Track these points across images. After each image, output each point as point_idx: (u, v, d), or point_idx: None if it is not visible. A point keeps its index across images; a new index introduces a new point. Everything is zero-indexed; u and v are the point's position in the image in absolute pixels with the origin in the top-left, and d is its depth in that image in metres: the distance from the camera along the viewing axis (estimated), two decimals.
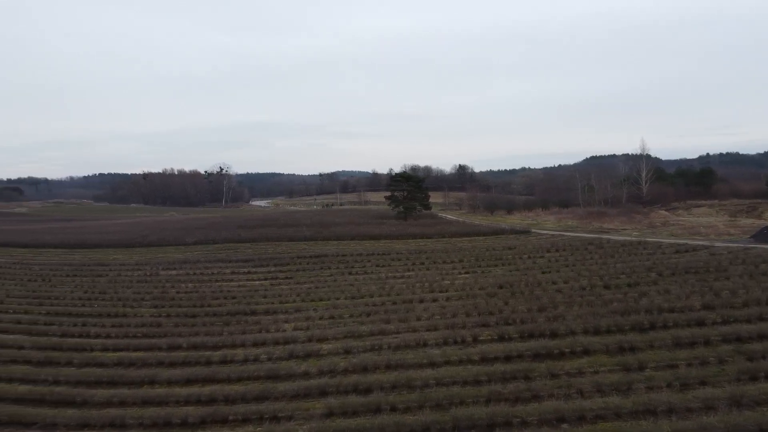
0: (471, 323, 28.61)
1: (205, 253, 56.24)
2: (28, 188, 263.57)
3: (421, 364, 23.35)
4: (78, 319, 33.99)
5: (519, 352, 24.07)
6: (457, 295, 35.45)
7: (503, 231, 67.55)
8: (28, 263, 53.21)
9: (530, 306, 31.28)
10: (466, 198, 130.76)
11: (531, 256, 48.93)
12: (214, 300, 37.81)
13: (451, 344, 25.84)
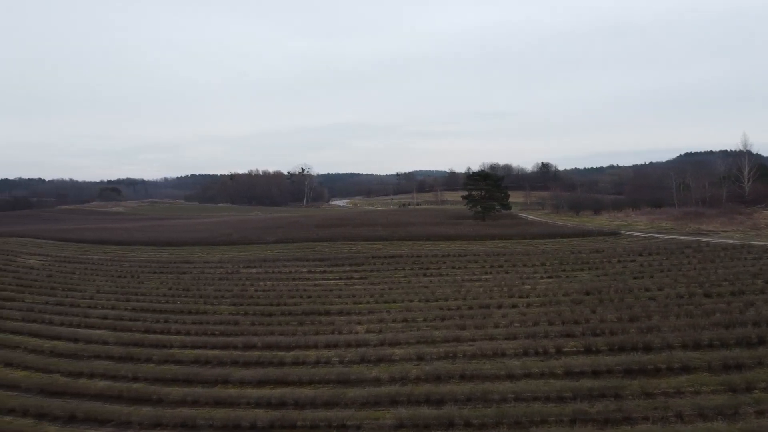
0: (554, 333, 26.75)
1: (284, 252, 57.12)
2: (127, 189, 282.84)
3: (498, 375, 21.92)
4: (161, 315, 35.14)
5: (608, 366, 22.08)
6: (539, 302, 33.49)
7: (590, 232, 63.94)
8: (120, 260, 56.28)
9: (620, 315, 28.92)
10: (549, 197, 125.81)
11: (621, 259, 45.71)
12: (290, 299, 37.99)
13: (531, 355, 24.19)
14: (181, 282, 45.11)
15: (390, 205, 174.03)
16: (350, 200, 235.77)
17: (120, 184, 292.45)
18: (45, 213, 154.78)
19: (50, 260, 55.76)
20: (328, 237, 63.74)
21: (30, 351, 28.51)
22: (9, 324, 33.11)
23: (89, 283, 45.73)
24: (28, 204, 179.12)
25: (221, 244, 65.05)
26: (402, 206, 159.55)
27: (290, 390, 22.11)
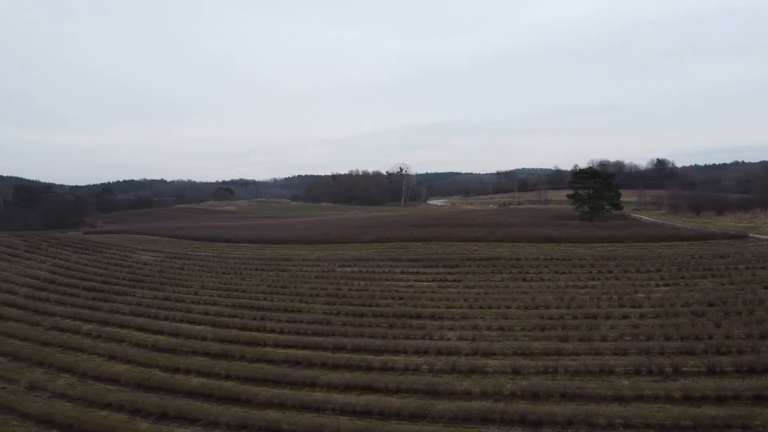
0: (671, 349, 23.77)
1: (379, 251, 56.77)
2: (239, 189, 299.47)
3: (604, 396, 19.59)
4: (258, 312, 35.80)
5: (735, 391, 19.08)
6: (654, 312, 30.17)
7: (712, 235, 57.66)
8: (225, 257, 58.72)
9: (750, 331, 25.31)
10: (666, 196, 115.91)
11: (749, 266, 40.51)
12: (382, 299, 37.30)
13: (644, 374, 21.54)
14: (279, 279, 46.03)
15: (489, 204, 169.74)
16: (448, 199, 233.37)
17: (233, 184, 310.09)
18: (164, 212, 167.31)
19: (162, 256, 59.37)
20: (423, 237, 62.60)
21: (134, 345, 29.95)
22: (118, 318, 35.15)
23: (195, 279, 47.95)
24: (150, 203, 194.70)
25: (320, 243, 66.03)
26: (502, 206, 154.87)
27: (376, 398, 21.20)
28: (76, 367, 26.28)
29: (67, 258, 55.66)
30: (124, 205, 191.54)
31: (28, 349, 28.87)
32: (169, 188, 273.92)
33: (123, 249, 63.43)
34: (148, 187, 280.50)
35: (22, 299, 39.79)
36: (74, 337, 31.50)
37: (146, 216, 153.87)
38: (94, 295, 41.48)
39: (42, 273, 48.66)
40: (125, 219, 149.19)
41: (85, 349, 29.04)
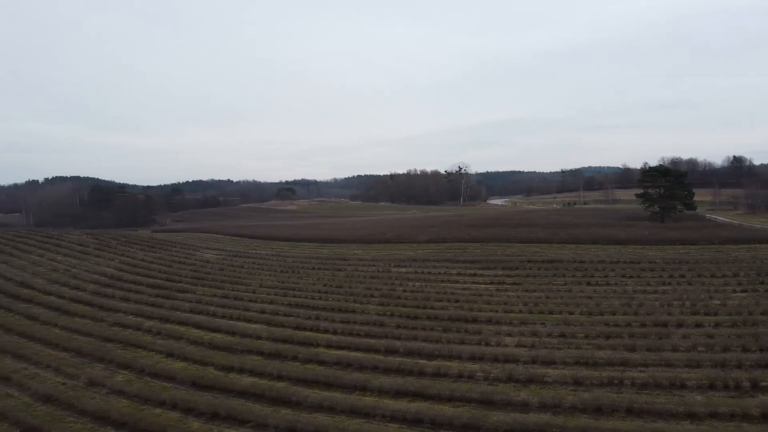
0: (749, 362, 21.76)
1: (435, 252, 55.83)
2: (301, 189, 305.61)
3: (675, 413, 18.03)
4: (313, 311, 35.75)
5: None
6: (730, 321, 27.86)
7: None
8: (285, 255, 59.41)
9: None
10: (743, 196, 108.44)
11: None
12: (437, 302, 36.41)
13: (719, 389, 19.75)
14: (335, 279, 45.98)
15: (553, 204, 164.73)
16: (509, 199, 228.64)
17: (295, 184, 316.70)
18: (229, 211, 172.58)
19: (224, 255, 60.75)
20: (481, 238, 61.09)
21: (191, 342, 30.44)
22: (178, 315, 35.95)
23: (255, 277, 48.66)
24: (216, 203, 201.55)
25: (376, 242, 65.77)
26: (566, 205, 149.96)
27: (428, 405, 20.41)
28: (135, 363, 26.91)
29: (134, 256, 57.90)
30: (192, 204, 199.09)
31: (90, 345, 29.88)
32: (235, 188, 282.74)
33: (187, 247, 65.43)
34: (216, 187, 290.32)
35: (89, 295, 41.48)
36: (135, 333, 32.39)
37: (212, 215, 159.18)
38: (157, 292, 42.77)
39: (110, 270, 50.75)
40: (192, 218, 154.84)
41: (145, 346, 29.77)
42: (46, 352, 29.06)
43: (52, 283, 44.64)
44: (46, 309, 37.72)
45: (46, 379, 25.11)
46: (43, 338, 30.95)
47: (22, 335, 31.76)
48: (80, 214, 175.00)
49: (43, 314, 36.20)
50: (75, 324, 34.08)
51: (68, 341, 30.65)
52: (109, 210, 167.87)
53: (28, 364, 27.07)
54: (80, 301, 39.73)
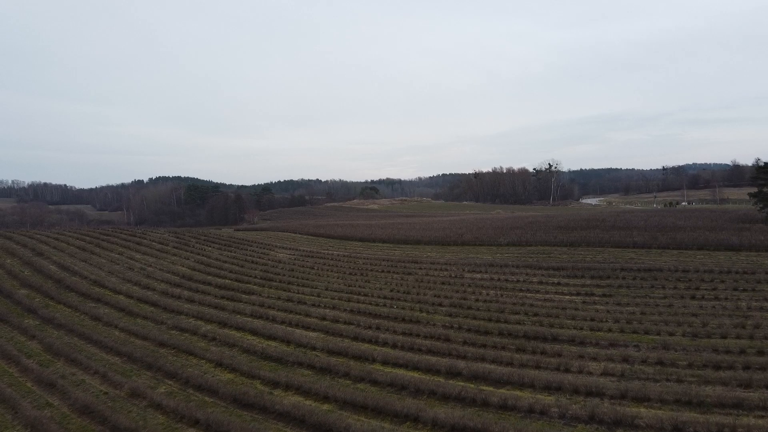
0: None
1: (516, 256, 51.44)
2: (386, 188, 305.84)
3: None
4: (374, 320, 33.11)
5: None
6: None
7: None
8: (356, 256, 57.37)
9: None
10: None
11: None
12: (512, 314, 32.53)
13: None
14: (403, 283, 43.15)
15: (652, 204, 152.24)
16: (603, 198, 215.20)
17: (380, 183, 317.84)
18: (314, 209, 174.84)
19: (297, 255, 59.71)
20: (570, 241, 55.75)
21: (244, 350, 28.72)
22: (237, 319, 34.57)
23: (322, 279, 46.89)
24: (302, 201, 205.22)
25: (452, 244, 62.25)
26: (668, 205, 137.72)
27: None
28: (182, 373, 25.46)
29: (209, 254, 58.16)
30: (280, 203, 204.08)
31: (143, 350, 28.95)
32: (323, 187, 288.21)
33: (262, 246, 65.17)
34: (305, 186, 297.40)
35: (157, 295, 41.33)
36: (191, 338, 31.26)
37: (297, 213, 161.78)
38: (223, 293, 41.95)
39: (183, 269, 50.93)
40: (279, 216, 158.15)
41: (197, 353, 28.40)
42: (99, 356, 28.43)
43: (125, 282, 45.15)
44: (112, 309, 37.76)
45: (90, 388, 24.18)
46: (100, 341, 30.47)
47: (82, 336, 31.53)
48: (177, 212, 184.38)
49: (108, 314, 36.14)
50: (135, 326, 33.58)
51: (124, 345, 29.95)
52: (203, 208, 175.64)
53: (78, 370, 26.42)
54: (147, 302, 39.58)
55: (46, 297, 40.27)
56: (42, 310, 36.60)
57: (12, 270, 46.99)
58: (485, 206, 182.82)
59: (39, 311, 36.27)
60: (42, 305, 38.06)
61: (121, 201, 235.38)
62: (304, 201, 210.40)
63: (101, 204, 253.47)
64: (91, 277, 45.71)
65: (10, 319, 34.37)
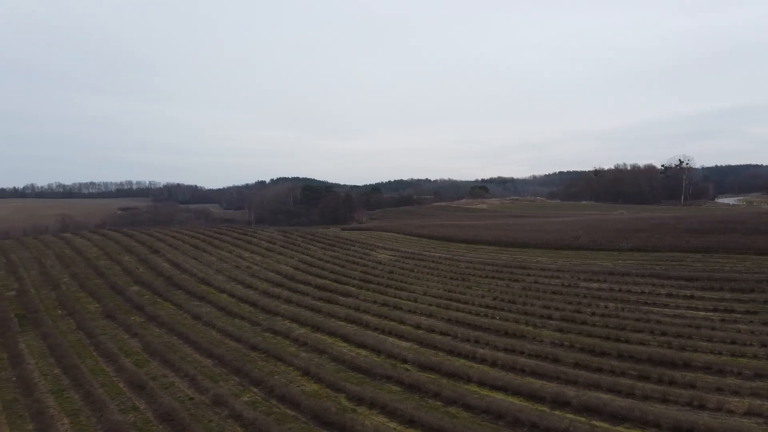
0: None
1: (639, 263, 45.91)
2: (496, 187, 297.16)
3: None
4: (473, 332, 30.44)
5: None
6: None
7: None
8: (458, 259, 54.63)
9: None
10: None
11: None
12: (634, 332, 28.36)
13: None
14: (508, 291, 39.90)
15: None
16: (743, 197, 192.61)
17: (490, 182, 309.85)
18: (421, 209, 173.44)
19: (398, 256, 58.16)
20: (704, 247, 48.93)
21: (333, 359, 27.38)
22: (331, 323, 33.47)
23: (421, 282, 44.84)
24: (409, 201, 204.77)
25: (566, 248, 57.44)
26: None
27: None
28: (268, 380, 24.55)
29: (313, 254, 58.32)
30: (388, 202, 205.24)
31: (235, 353, 28.60)
32: (431, 187, 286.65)
33: (365, 246, 64.44)
34: (414, 186, 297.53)
35: (257, 295, 41.57)
36: (282, 342, 30.54)
37: (404, 213, 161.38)
38: (321, 294, 41.29)
39: (286, 268, 51.26)
40: (386, 216, 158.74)
41: (286, 359, 27.48)
42: (192, 357, 28.48)
43: (230, 281, 46.11)
44: (213, 308, 38.36)
45: (177, 392, 23.95)
46: (196, 341, 30.65)
47: (180, 336, 31.99)
48: (292, 211, 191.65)
49: (209, 314, 36.67)
50: (232, 326, 33.61)
51: (218, 346, 29.86)
52: (316, 207, 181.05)
53: (170, 371, 26.48)
54: (247, 301, 39.84)
55: (154, 294, 41.98)
56: (148, 307, 38.01)
57: (128, 267, 49.90)
58: (605, 206, 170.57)
59: (146, 308, 37.68)
60: (149, 302, 39.62)
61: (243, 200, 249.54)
62: (411, 200, 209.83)
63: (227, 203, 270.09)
64: (199, 275, 47.23)
65: (118, 316, 35.91)
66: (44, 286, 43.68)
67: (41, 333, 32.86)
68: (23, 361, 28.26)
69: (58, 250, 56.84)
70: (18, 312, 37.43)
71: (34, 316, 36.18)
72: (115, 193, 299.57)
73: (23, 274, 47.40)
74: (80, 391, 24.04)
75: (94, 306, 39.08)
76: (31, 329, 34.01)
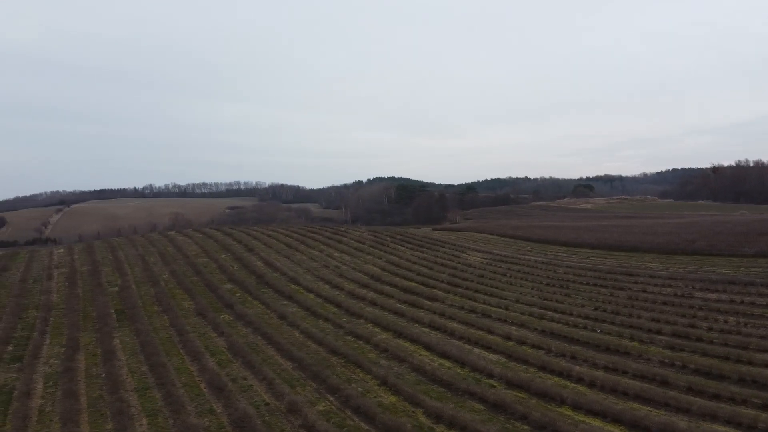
0: None
1: (765, 271, 40.29)
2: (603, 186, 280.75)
3: None
4: (570, 347, 27.74)
5: None
6: None
7: None
8: (556, 264, 51.12)
9: None
10: None
11: None
12: (759, 353, 24.58)
13: None
14: (612, 301, 36.44)
15: None
16: None
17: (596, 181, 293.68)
18: (518, 209, 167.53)
19: (489, 258, 55.59)
20: None
21: (413, 368, 25.92)
22: (414, 329, 32.02)
23: (514, 288, 42.26)
24: (506, 200, 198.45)
25: (679, 253, 52.18)
26: None
27: None
28: (344, 389, 23.53)
29: (401, 255, 57.21)
30: (483, 202, 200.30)
31: (314, 357, 27.95)
32: (531, 186, 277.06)
33: (455, 248, 62.36)
34: (512, 185, 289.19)
35: (343, 296, 41.05)
36: (363, 347, 29.54)
37: (500, 213, 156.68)
38: (406, 297, 40.00)
39: (373, 269, 50.51)
40: (481, 215, 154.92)
41: (364, 366, 26.38)
42: (273, 360, 28.20)
43: (318, 281, 46.06)
44: (299, 308, 38.25)
45: (254, 396, 23.57)
46: (279, 342, 30.42)
47: (264, 336, 31.95)
48: (387, 211, 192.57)
49: (294, 314, 36.55)
50: (315, 328, 33.15)
51: (299, 348, 29.41)
52: (410, 207, 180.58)
53: (250, 373, 26.27)
54: (333, 302, 39.41)
55: (245, 292, 42.73)
56: (238, 305, 38.61)
57: (223, 265, 51.44)
58: (725, 206, 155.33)
59: (235, 306, 38.29)
60: (240, 300, 40.30)
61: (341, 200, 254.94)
62: (508, 200, 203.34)
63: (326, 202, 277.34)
64: (290, 274, 47.65)
65: (208, 314, 36.71)
66: (145, 283, 45.96)
67: (135, 329, 34.23)
68: (114, 357, 29.38)
69: (162, 248, 60.02)
70: (117, 308, 39.45)
71: (132, 312, 37.90)
72: (224, 193, 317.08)
73: (127, 271, 50.29)
74: (162, 391, 24.37)
75: (188, 303, 40.37)
76: (127, 325, 35.58)
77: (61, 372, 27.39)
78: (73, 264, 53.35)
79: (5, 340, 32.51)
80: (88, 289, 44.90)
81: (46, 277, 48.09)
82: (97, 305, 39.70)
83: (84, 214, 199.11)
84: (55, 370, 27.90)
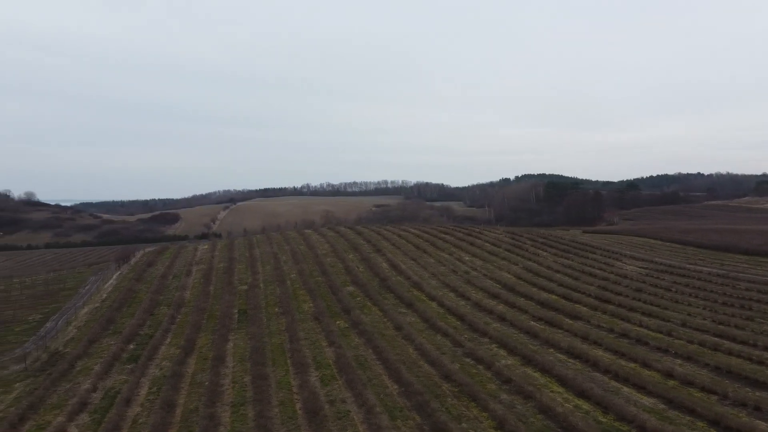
0: None
1: None
2: None
3: None
4: (754, 392, 21.09)
5: None
6: None
7: None
8: (736, 277, 41.58)
9: None
10: None
11: None
12: None
13: None
14: None
15: None
16: None
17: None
18: (688, 209, 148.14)
19: (650, 268, 47.19)
20: None
21: (539, 409, 20.84)
22: (547, 356, 26.66)
23: (679, 308, 34.66)
24: (674, 199, 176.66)
25: None
26: None
27: None
28: (452, 430, 19.27)
29: (541, 261, 50.91)
30: (647, 201, 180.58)
31: (425, 381, 24.04)
32: (704, 182, 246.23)
33: (608, 254, 54.35)
34: (681, 181, 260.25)
35: (469, 307, 36.66)
36: (483, 374, 24.98)
37: (666, 213, 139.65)
38: (542, 313, 34.45)
39: (507, 276, 45.17)
40: (643, 216, 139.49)
41: (480, 400, 21.82)
42: (378, 380, 24.80)
43: (442, 287, 42.07)
44: (418, 318, 34.60)
45: (347, 428, 20.23)
46: (389, 359, 26.92)
47: (375, 350, 28.71)
48: (534, 210, 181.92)
49: (411, 325, 32.99)
50: (432, 344, 29.23)
51: (410, 368, 25.73)
52: (560, 206, 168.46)
53: (350, 396, 23.09)
54: (455, 314, 35.20)
55: (365, 296, 40.06)
56: (355, 311, 35.93)
57: (349, 265, 49.45)
58: None
59: (352, 312, 35.66)
60: (358, 305, 37.67)
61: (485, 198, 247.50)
62: (676, 198, 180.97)
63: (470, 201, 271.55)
64: (414, 278, 44.21)
65: (323, 320, 34.45)
66: (272, 282, 45.47)
67: (251, 332, 33.04)
68: (223, 363, 28.09)
69: (294, 246, 60.05)
70: (241, 307, 38.97)
71: (254, 312, 37.08)
72: (373, 192, 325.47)
73: (259, 269, 50.50)
74: (257, 408, 22.14)
75: (308, 305, 38.72)
76: (245, 327, 34.62)
77: (168, 377, 26.57)
78: (212, 261, 55.13)
79: (129, 338, 33.09)
80: (219, 286, 45.51)
81: (185, 273, 49.90)
82: (223, 304, 39.65)
83: (247, 211, 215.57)
84: (164, 374, 27.20)
